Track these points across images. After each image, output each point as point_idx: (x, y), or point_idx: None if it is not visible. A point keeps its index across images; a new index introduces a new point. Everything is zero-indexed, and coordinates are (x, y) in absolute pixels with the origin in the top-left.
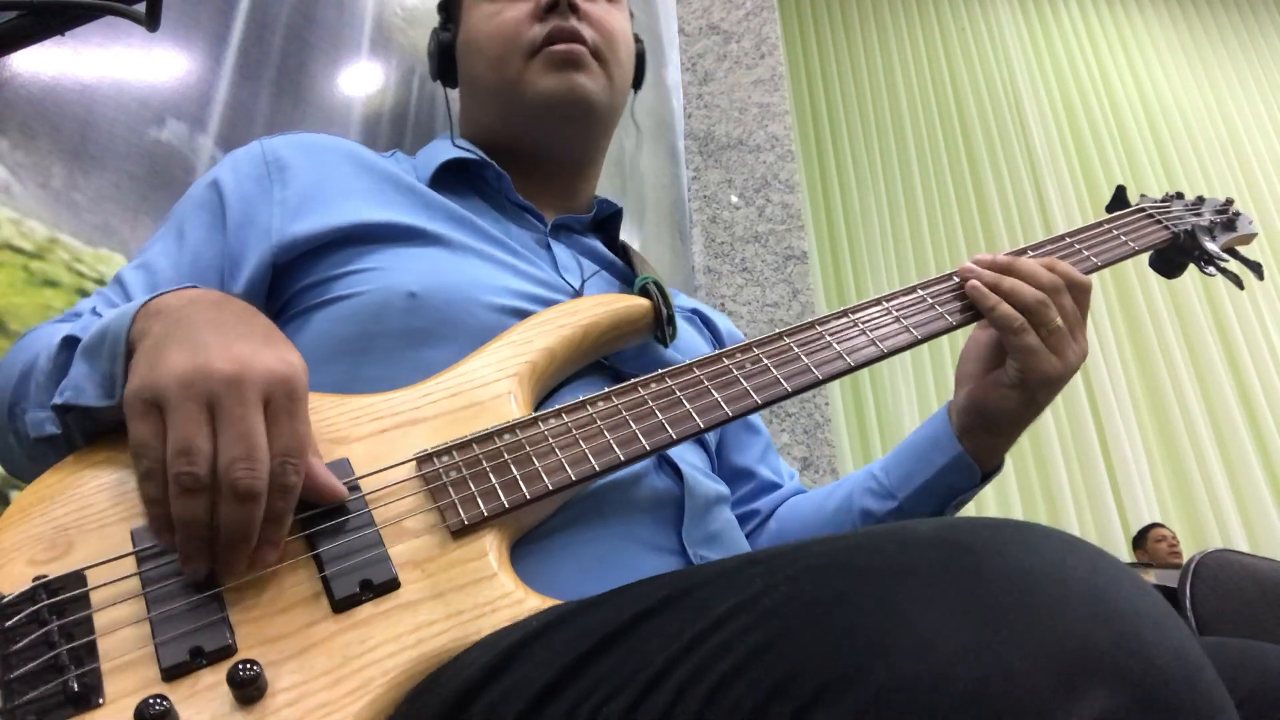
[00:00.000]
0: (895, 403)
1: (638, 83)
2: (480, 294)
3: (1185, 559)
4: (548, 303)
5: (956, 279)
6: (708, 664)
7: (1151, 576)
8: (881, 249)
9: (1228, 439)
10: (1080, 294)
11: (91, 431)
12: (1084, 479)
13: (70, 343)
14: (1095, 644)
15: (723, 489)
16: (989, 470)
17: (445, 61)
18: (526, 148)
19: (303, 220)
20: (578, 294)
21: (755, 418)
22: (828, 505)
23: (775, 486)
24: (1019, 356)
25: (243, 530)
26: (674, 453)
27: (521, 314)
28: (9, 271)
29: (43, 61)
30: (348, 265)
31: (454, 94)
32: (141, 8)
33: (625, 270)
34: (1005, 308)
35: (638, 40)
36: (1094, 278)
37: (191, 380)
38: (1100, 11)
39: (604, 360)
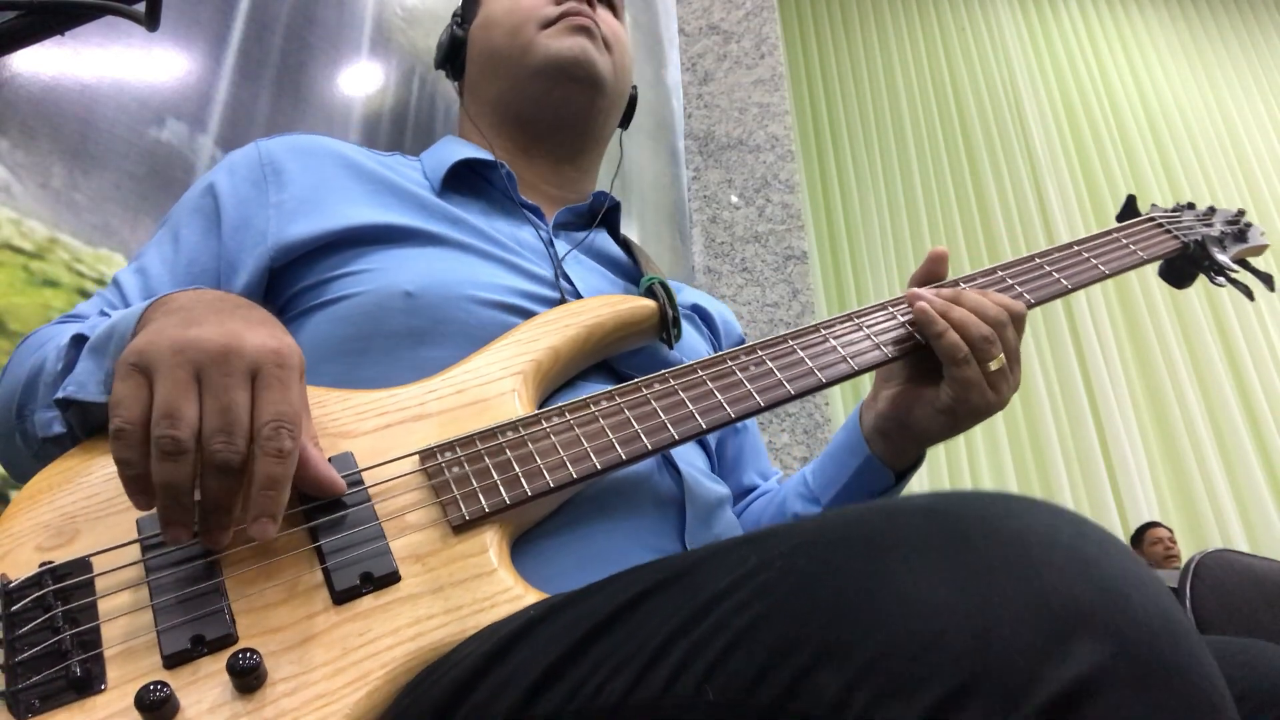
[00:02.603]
0: None
1: (626, 121)
2: (477, 292)
3: (1184, 559)
4: (546, 300)
5: (900, 309)
6: (706, 639)
7: None
8: (881, 249)
9: (1228, 439)
10: (1019, 325)
11: (91, 429)
12: (1084, 479)
13: (78, 341)
14: (1082, 601)
15: (724, 490)
16: (903, 470)
17: (453, 53)
18: (530, 118)
19: (299, 223)
20: (577, 292)
21: (748, 421)
22: (767, 511)
23: (752, 489)
24: (957, 386)
25: (220, 501)
26: (676, 453)
27: (520, 311)
28: (9, 271)
29: (43, 61)
30: (344, 267)
31: (452, 92)
32: (141, 8)
33: (628, 266)
34: (952, 336)
35: (633, 87)
36: None
37: (182, 349)
38: (1100, 11)
39: (608, 360)
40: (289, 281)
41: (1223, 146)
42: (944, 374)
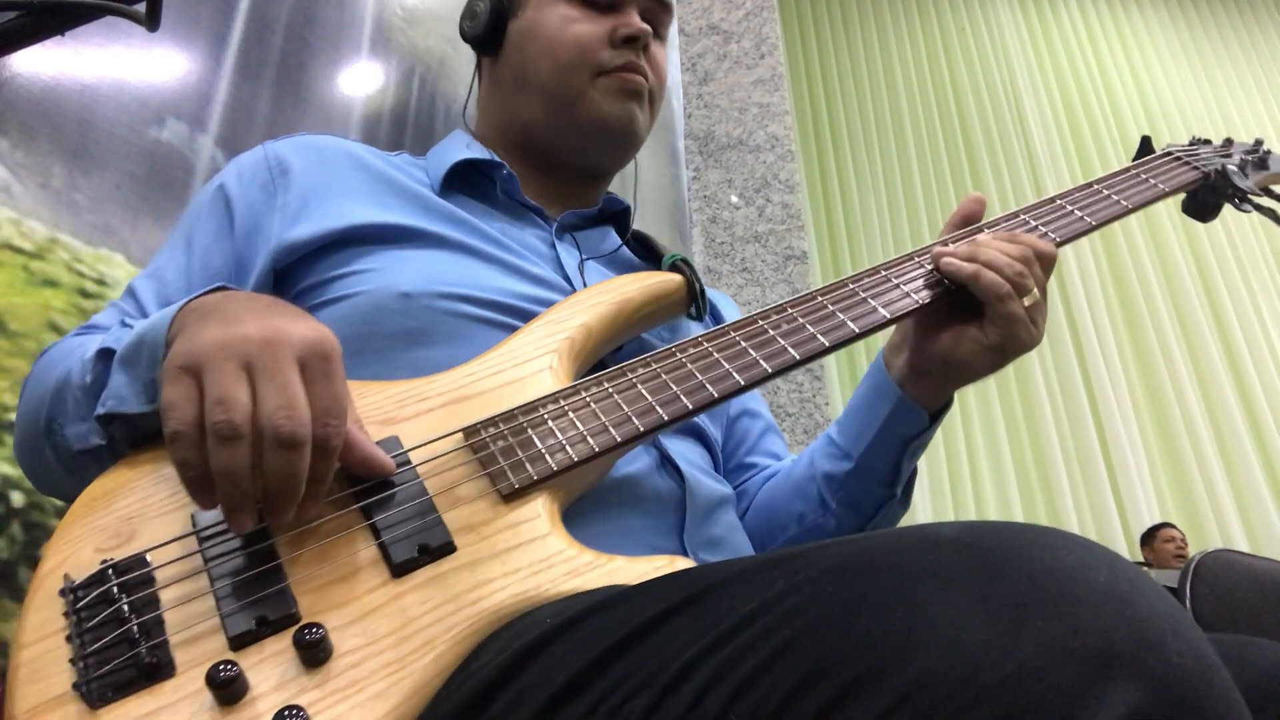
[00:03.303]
0: None
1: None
2: (476, 293)
3: None
4: (546, 303)
5: (926, 258)
6: (732, 663)
7: (1152, 576)
8: (881, 249)
9: (1228, 439)
10: (1046, 264)
11: (135, 439)
12: (1084, 479)
13: (105, 354)
14: (1117, 642)
15: (726, 489)
16: (936, 411)
17: (494, 28)
18: (555, 152)
19: (300, 224)
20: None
21: (755, 401)
22: (794, 474)
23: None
24: (1003, 323)
25: (288, 479)
26: (678, 454)
27: (520, 314)
28: (9, 271)
29: (43, 61)
30: (344, 267)
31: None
32: (141, 8)
33: (638, 265)
34: (988, 275)
35: None
36: (1092, 276)
37: (228, 344)
38: (1100, 11)
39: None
40: (292, 281)
41: None
42: (987, 313)
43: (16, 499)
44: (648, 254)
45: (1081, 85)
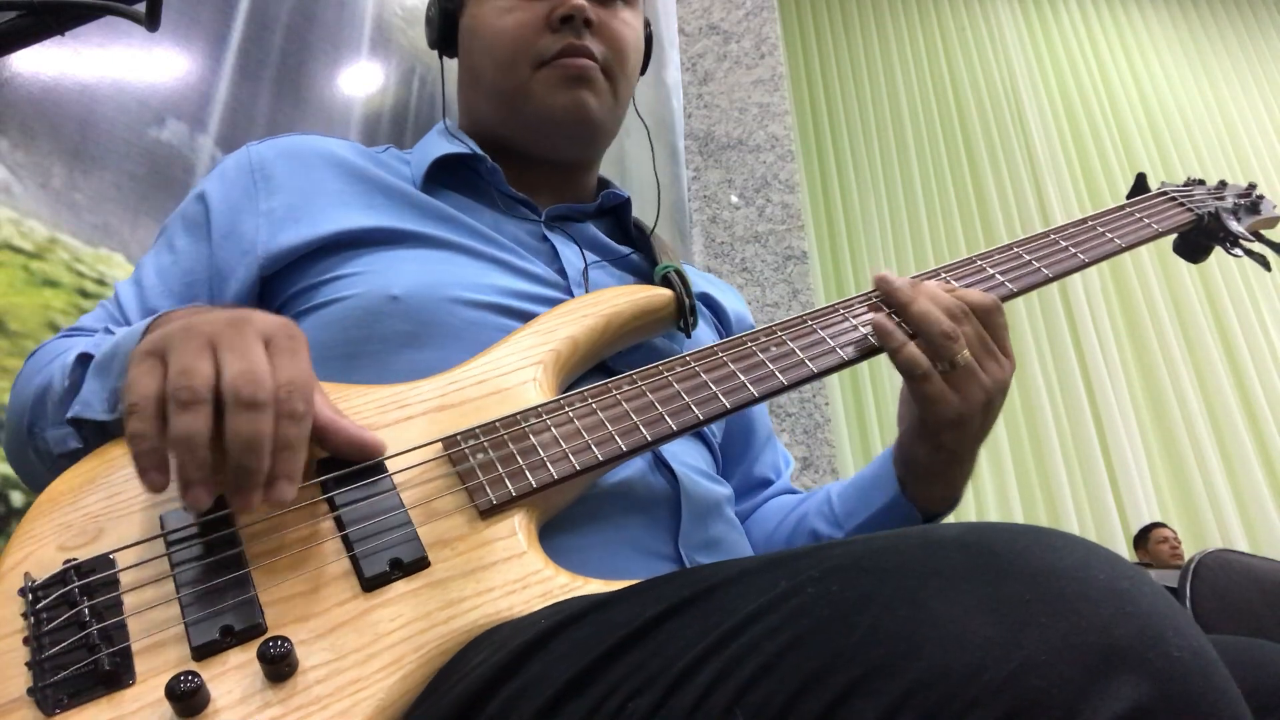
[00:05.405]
0: (895, 402)
1: (642, 69)
2: (463, 293)
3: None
4: (538, 299)
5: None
6: (737, 661)
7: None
8: (881, 249)
9: (1228, 439)
10: (986, 316)
11: (102, 445)
12: (1084, 479)
13: (84, 359)
14: (1119, 639)
15: (724, 490)
16: (934, 513)
17: (447, 30)
18: (523, 149)
19: (287, 231)
20: (569, 287)
21: (755, 410)
22: (787, 521)
23: (765, 484)
24: (919, 403)
25: (251, 441)
26: (672, 456)
27: (509, 311)
28: (9, 271)
29: (43, 61)
30: (334, 271)
31: (450, 65)
32: (141, 8)
33: (634, 261)
34: (910, 350)
35: (646, 24)
36: (1093, 277)
37: (192, 326)
38: (1100, 11)
39: (605, 363)
40: (282, 287)
41: (1222, 146)
42: (908, 390)
43: (16, 499)
44: (648, 252)
45: (1081, 85)
